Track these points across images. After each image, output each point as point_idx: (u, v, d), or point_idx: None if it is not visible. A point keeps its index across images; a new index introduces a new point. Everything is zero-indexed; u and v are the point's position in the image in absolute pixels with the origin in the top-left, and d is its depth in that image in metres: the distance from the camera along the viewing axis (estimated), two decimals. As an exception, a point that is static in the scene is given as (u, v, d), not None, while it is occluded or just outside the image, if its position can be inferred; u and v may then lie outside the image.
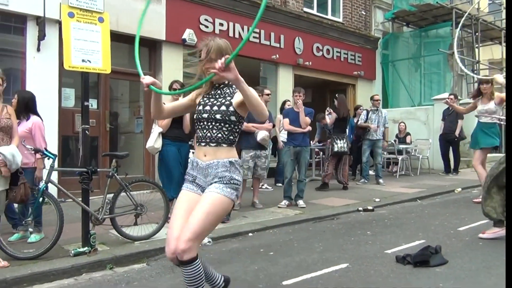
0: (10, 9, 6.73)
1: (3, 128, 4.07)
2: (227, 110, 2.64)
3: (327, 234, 5.53)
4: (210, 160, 2.65)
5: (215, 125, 2.65)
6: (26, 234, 4.92)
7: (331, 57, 12.31)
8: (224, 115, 2.63)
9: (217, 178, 2.61)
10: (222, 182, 2.60)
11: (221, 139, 2.66)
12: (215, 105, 2.67)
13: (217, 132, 2.65)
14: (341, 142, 8.75)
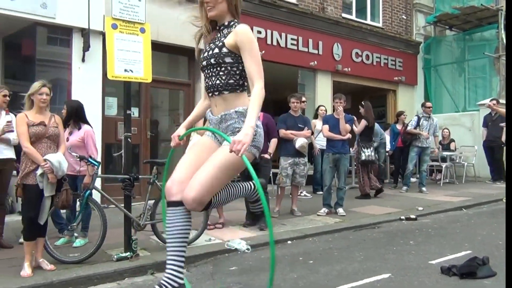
0: (57, 22, 7.01)
1: (51, 136, 4.23)
2: (220, 52, 2.45)
3: (368, 243, 5.40)
4: (219, 112, 2.50)
5: (213, 71, 2.48)
6: (72, 238, 5.08)
7: (371, 63, 12.13)
8: (217, 58, 2.44)
9: (230, 132, 2.47)
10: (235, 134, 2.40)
11: (221, 86, 2.48)
12: (210, 49, 2.51)
13: (215, 79, 2.48)
14: (369, 151, 8.57)
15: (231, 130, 2.45)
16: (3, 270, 4.15)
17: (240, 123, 2.42)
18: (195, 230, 5.22)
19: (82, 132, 5.14)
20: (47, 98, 4.24)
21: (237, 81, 2.47)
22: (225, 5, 2.43)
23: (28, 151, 4.04)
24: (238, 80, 2.47)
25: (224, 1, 2.42)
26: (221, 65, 2.43)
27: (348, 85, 11.94)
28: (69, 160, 4.77)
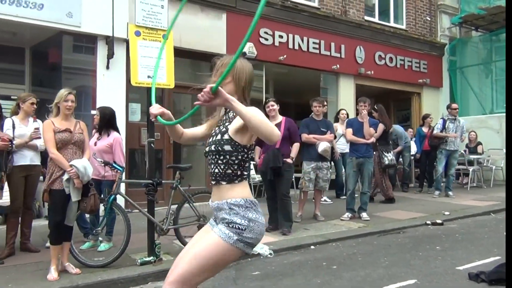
0: (82, 30, 7.17)
1: (76, 142, 4.31)
2: (221, 138, 2.28)
3: (393, 249, 5.31)
4: (215, 200, 2.33)
5: (212, 159, 2.32)
6: (97, 243, 5.15)
7: (394, 66, 11.97)
8: (217, 145, 2.28)
9: (219, 221, 2.28)
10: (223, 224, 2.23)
11: (219, 175, 2.30)
12: (215, 135, 2.35)
13: (214, 167, 2.31)
14: (390, 155, 8.43)
15: (220, 219, 2.27)
16: (31, 273, 4.24)
17: (230, 215, 2.22)
18: (218, 235, 5.23)
19: (111, 139, 5.25)
20: (72, 105, 4.32)
21: (235, 171, 2.29)
22: (232, 86, 2.28)
23: (54, 157, 4.13)
24: (236, 170, 2.30)
25: (232, 82, 2.29)
26: (220, 153, 2.27)
27: (371, 88, 11.81)
28: (94, 165, 4.85)
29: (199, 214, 5.06)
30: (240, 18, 8.96)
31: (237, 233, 2.19)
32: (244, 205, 2.24)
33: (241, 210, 2.23)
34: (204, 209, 5.21)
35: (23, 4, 6.58)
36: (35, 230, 5.37)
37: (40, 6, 6.72)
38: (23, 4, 6.58)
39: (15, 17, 6.55)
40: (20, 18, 6.60)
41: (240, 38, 8.86)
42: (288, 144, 6.14)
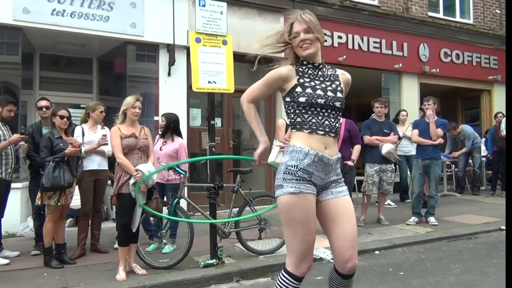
0: (145, 39, 7.44)
1: (141, 147, 4.44)
2: (343, 98, 2.46)
3: (465, 255, 5.01)
4: (334, 154, 2.40)
5: (334, 114, 2.39)
6: (161, 245, 5.29)
7: (461, 62, 11.38)
8: (342, 104, 2.43)
9: (335, 176, 2.43)
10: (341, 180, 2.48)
11: (338, 129, 2.46)
12: (330, 91, 2.39)
13: (335, 122, 2.41)
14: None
15: (336, 174, 2.47)
16: (100, 273, 4.42)
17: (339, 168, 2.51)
18: (279, 239, 5.19)
19: (177, 144, 5.40)
20: (139, 112, 4.48)
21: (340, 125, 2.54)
22: (319, 44, 2.42)
23: (121, 162, 4.28)
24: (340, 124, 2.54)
25: (317, 40, 2.39)
26: (341, 109, 2.45)
27: (436, 87, 11.28)
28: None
29: (260, 217, 5.05)
30: (298, 20, 8.90)
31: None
32: None
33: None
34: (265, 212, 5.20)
35: (90, 17, 6.94)
36: (103, 232, 5.60)
37: (106, 18, 7.05)
38: (90, 17, 6.94)
39: (84, 29, 6.93)
40: (88, 31, 6.97)
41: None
42: (349, 146, 5.99)
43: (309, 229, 2.33)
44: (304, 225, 2.32)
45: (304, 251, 2.35)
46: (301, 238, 2.33)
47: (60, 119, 4.79)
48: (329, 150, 2.37)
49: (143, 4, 7.38)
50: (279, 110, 8.79)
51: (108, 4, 7.07)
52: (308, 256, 2.37)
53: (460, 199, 9.36)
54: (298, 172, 2.30)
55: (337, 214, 2.35)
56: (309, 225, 2.32)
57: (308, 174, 2.31)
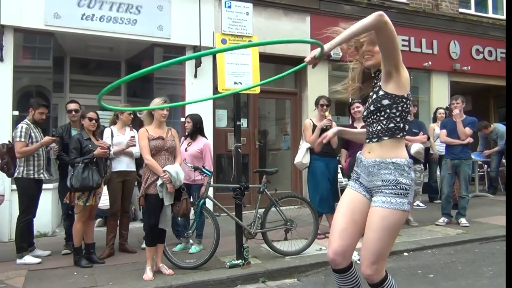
0: (172, 41, 7.52)
1: (169, 149, 4.48)
2: (377, 96, 2.39)
3: (498, 257, 4.85)
4: (373, 157, 2.39)
5: (373, 118, 2.42)
6: (188, 245, 5.33)
7: (494, 59, 11.04)
8: (376, 103, 2.39)
9: (380, 182, 2.33)
10: (388, 189, 2.30)
11: (381, 132, 2.38)
12: (370, 98, 2.47)
13: (376, 125, 2.40)
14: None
15: (382, 180, 2.33)
16: (128, 273, 4.49)
17: (395, 176, 2.30)
18: (305, 240, 5.16)
19: (202, 144, 5.43)
20: (167, 114, 4.53)
21: (398, 124, 2.36)
22: (379, 55, 2.36)
23: (149, 163, 4.33)
24: (399, 122, 2.36)
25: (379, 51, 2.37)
26: (380, 109, 2.37)
27: (468, 85, 11.00)
28: (184, 170, 5.03)
29: (286, 218, 5.03)
30: (324, 19, 8.82)
31: (404, 195, 2.30)
32: (408, 165, 2.34)
33: (407, 168, 2.33)
34: (290, 213, 5.18)
35: (118, 21, 7.06)
36: (131, 232, 5.69)
37: (134, 21, 7.17)
38: (118, 21, 7.06)
39: (113, 33, 7.06)
40: (117, 34, 7.10)
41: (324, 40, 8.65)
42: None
43: (338, 216, 2.46)
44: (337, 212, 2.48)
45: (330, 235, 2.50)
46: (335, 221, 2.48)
47: (89, 121, 4.89)
48: (372, 153, 2.42)
49: (169, 7, 7.46)
50: (305, 111, 8.74)
51: (136, 8, 7.18)
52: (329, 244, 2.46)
53: (493, 200, 9.09)
54: (352, 173, 2.58)
55: (367, 222, 2.37)
56: (338, 213, 2.47)
57: (356, 174, 2.52)
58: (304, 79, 8.94)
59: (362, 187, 2.45)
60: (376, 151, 2.38)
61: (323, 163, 5.81)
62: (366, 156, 2.44)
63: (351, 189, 2.50)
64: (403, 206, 2.28)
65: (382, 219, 2.28)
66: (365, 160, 2.43)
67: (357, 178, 2.49)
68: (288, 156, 8.82)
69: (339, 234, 2.41)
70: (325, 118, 5.85)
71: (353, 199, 2.46)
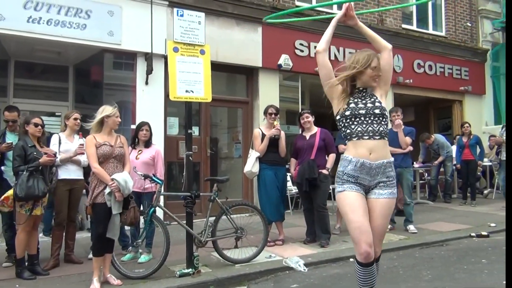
0: (122, 47, 7.43)
1: (117, 156, 4.41)
2: (381, 105, 2.90)
3: (436, 262, 5.14)
4: (380, 159, 2.84)
5: (374, 120, 2.87)
6: (137, 254, 5.26)
7: (434, 73, 11.69)
8: (382, 110, 2.89)
9: (385, 177, 2.85)
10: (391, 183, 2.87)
11: (384, 132, 2.88)
12: (368, 103, 2.91)
13: (378, 126, 2.88)
14: None
15: (387, 176, 2.87)
16: (75, 284, 4.37)
17: (394, 171, 2.92)
18: (255, 247, 5.23)
19: (154, 151, 5.39)
20: (120, 121, 4.47)
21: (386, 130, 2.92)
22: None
23: (97, 171, 4.25)
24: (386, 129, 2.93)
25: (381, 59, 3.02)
26: (384, 115, 2.89)
27: (410, 97, 11.56)
28: (134, 178, 4.97)
29: (237, 226, 5.08)
30: (275, 30, 9.03)
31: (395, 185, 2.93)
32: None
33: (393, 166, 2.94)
34: (241, 221, 5.24)
35: (67, 25, 6.89)
36: (78, 242, 5.53)
37: (83, 26, 7.02)
38: (67, 25, 6.89)
39: (60, 37, 6.87)
40: (65, 38, 6.92)
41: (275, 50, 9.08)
42: (324, 155, 6.10)
43: (355, 217, 2.79)
44: (351, 214, 2.80)
45: (355, 235, 2.78)
46: (351, 226, 2.82)
47: (35, 127, 4.74)
48: (374, 154, 2.83)
49: (121, 13, 7.38)
50: (256, 119, 8.87)
51: (85, 12, 7.04)
52: (360, 241, 2.75)
53: (432, 207, 9.58)
54: (343, 176, 2.88)
55: (373, 211, 2.84)
56: (355, 214, 2.79)
57: (353, 177, 2.85)
58: (256, 88, 9.08)
59: (361, 187, 2.85)
60: (379, 152, 2.85)
61: (272, 172, 5.93)
62: (371, 159, 2.82)
63: (355, 191, 2.83)
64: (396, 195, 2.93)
65: (390, 208, 2.88)
66: (371, 163, 2.82)
67: (355, 181, 2.85)
68: (239, 164, 8.89)
69: (365, 230, 2.75)
70: (274, 127, 5.99)
71: (361, 200, 2.83)
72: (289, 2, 9.54)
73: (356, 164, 2.84)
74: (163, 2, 7.82)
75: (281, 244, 5.92)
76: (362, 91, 2.99)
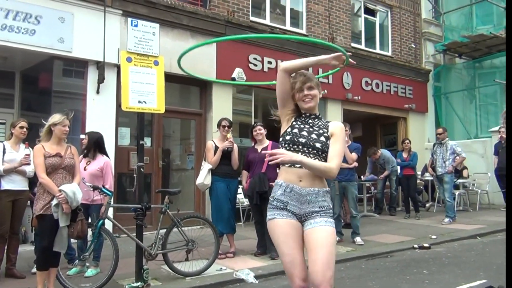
0: (73, 55, 7.26)
1: (66, 167, 4.30)
2: (326, 142, 2.72)
3: (381, 273, 5.35)
4: (308, 187, 2.65)
5: (312, 152, 2.68)
6: (84, 268, 5.11)
7: (381, 91, 12.21)
8: (324, 146, 2.70)
9: (317, 207, 2.64)
10: (325, 213, 2.65)
11: None
12: (313, 133, 2.74)
13: (313, 157, 2.67)
14: None
15: (320, 206, 2.65)
16: (16, 300, 4.19)
17: (328, 202, 2.70)
18: (206, 260, 5.23)
19: (102, 162, 5.28)
20: (68, 130, 4.36)
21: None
22: (317, 100, 2.83)
23: (44, 182, 4.12)
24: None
25: (317, 96, 2.82)
26: (324, 152, 2.69)
27: (358, 113, 11.99)
28: (82, 189, 4.85)
29: (188, 238, 5.06)
30: (229, 44, 9.12)
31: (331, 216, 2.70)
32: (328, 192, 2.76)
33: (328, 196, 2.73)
34: (192, 233, 5.22)
35: (15, 29, 6.66)
36: (20, 256, 5.31)
37: (32, 31, 6.81)
38: (15, 30, 6.66)
39: (7, 42, 6.63)
40: (12, 43, 6.68)
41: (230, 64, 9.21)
42: (275, 168, 6.19)
43: (286, 249, 2.62)
44: (282, 245, 2.64)
45: (288, 269, 2.64)
46: (282, 259, 2.67)
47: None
48: (304, 182, 2.65)
49: (72, 20, 7.22)
50: (209, 131, 8.89)
51: (35, 18, 6.83)
52: (292, 276, 2.61)
53: (378, 219, 9.93)
54: (274, 202, 2.72)
55: (311, 242, 2.59)
56: (286, 245, 2.63)
57: (283, 203, 2.68)
58: (209, 100, 9.11)
59: (291, 214, 2.66)
60: (308, 180, 2.65)
61: (224, 184, 5.98)
62: (300, 185, 2.65)
63: (285, 219, 2.65)
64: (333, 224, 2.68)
65: (329, 235, 2.60)
66: (300, 189, 2.65)
67: (283, 207, 2.67)
68: (192, 176, 8.84)
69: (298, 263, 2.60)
70: (227, 139, 6.05)
71: (292, 228, 2.64)
72: (244, 17, 9.69)
73: (285, 189, 2.68)
74: (117, 11, 7.74)
75: (232, 257, 5.94)
76: (311, 117, 2.84)
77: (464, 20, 14.20)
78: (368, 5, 12.66)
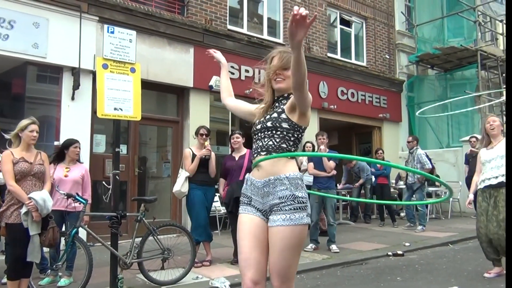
0: (48, 61, 7.15)
1: (36, 174, 4.19)
2: (278, 117, 2.43)
3: (356, 280, 5.40)
4: (265, 176, 2.37)
5: (266, 134, 2.43)
6: (56, 278, 4.99)
7: (356, 100, 12.40)
8: (275, 121, 2.42)
9: (277, 199, 2.33)
10: (287, 205, 2.31)
11: (271, 147, 2.39)
12: (268, 115, 2.50)
13: (268, 140, 2.41)
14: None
15: (279, 197, 2.33)
16: (-15, 311, 4.07)
17: (291, 190, 2.32)
18: (182, 268, 5.19)
19: (83, 169, 5.24)
20: (36, 136, 4.26)
21: (289, 147, 2.40)
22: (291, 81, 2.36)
23: (12, 189, 4.01)
24: (291, 146, 2.41)
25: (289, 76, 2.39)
26: (277, 128, 2.40)
27: (334, 122, 12.15)
28: (56, 197, 4.78)
29: (164, 247, 5.02)
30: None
31: (303, 209, 2.33)
32: (300, 178, 2.40)
33: (300, 182, 2.37)
34: (168, 241, 5.18)
35: (-13, 34, 6.53)
36: (-10, 265, 5.16)
37: (5, 36, 6.69)
38: (-13, 34, 6.53)
39: (-22, 46, 6.49)
40: (-17, 48, 6.54)
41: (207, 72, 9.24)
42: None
43: (243, 247, 2.40)
44: (240, 242, 2.43)
45: (241, 268, 2.42)
46: (239, 255, 2.45)
47: None
48: (260, 172, 2.40)
49: (47, 25, 7.12)
50: (186, 139, 8.85)
51: (8, 22, 6.71)
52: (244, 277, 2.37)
53: (354, 227, 10.05)
54: (241, 197, 2.53)
55: (270, 243, 2.36)
56: (244, 243, 2.41)
57: (247, 198, 2.47)
58: (186, 107, 9.09)
59: (255, 210, 2.42)
60: (266, 169, 2.38)
61: (202, 192, 5.96)
62: (256, 177, 2.41)
63: (246, 213, 2.43)
64: (302, 220, 2.30)
65: (283, 239, 2.29)
66: (257, 181, 2.40)
67: (248, 202, 2.45)
68: (168, 184, 8.78)
69: (252, 264, 2.35)
70: (204, 147, 6.05)
71: (252, 224, 2.40)
72: (221, 25, 9.74)
73: (247, 182, 2.49)
74: (93, 17, 7.67)
75: (208, 265, 5.91)
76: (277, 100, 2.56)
77: (436, 32, 14.62)
78: (344, 16, 12.89)
